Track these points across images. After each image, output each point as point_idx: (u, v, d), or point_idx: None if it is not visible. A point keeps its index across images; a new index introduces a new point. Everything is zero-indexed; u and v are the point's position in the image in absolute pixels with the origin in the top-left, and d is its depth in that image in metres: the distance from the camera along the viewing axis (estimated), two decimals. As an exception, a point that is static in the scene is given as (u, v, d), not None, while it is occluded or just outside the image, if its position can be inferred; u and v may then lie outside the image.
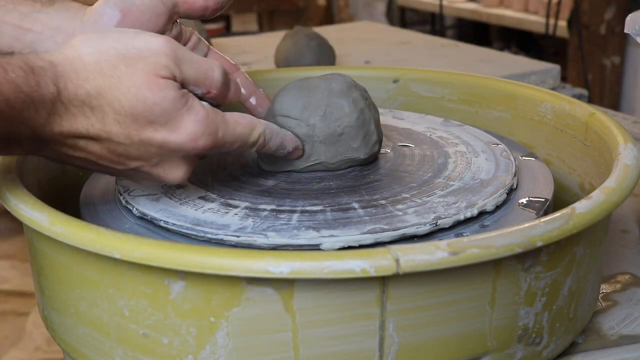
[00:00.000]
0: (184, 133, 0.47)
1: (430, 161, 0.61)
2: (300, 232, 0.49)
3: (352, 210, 0.52)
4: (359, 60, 1.37)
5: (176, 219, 0.51)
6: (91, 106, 0.46)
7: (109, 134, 0.46)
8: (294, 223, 0.50)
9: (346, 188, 0.56)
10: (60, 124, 0.45)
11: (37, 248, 0.51)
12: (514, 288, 0.45)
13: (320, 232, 0.48)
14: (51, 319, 0.52)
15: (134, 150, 0.48)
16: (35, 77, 0.44)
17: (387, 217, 0.51)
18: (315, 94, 0.58)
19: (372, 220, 0.50)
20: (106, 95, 0.46)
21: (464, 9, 2.88)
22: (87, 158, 0.48)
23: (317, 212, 0.52)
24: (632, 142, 0.56)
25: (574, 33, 2.21)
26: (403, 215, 0.51)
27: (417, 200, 0.53)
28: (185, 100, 0.47)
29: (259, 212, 0.52)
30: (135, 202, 0.54)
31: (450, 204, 0.52)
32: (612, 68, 2.24)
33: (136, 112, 0.46)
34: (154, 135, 0.47)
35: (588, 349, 0.53)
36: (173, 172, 0.50)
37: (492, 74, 0.94)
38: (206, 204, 0.54)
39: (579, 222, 0.45)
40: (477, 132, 0.68)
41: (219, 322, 0.43)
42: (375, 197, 0.54)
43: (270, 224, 0.50)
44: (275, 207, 0.53)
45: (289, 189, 0.56)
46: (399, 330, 0.43)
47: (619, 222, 0.72)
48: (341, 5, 3.65)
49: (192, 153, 0.49)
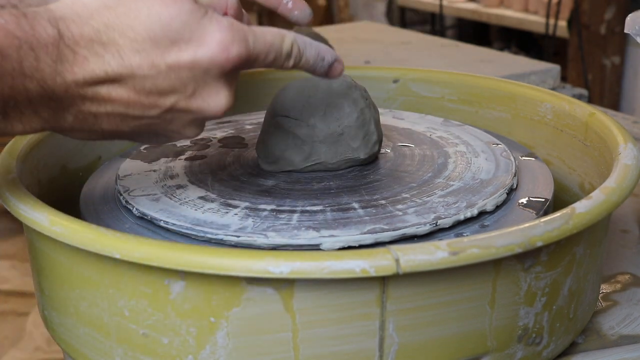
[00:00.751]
0: (213, 43, 0.42)
1: (430, 161, 0.61)
2: (300, 232, 0.49)
3: (352, 210, 0.52)
4: (359, 60, 1.36)
5: (176, 219, 0.51)
6: (102, 42, 0.41)
7: (131, 69, 0.42)
8: (294, 223, 0.50)
9: (346, 188, 0.56)
10: (71, 70, 0.41)
11: (37, 248, 0.51)
12: (514, 288, 0.45)
13: (320, 232, 0.48)
14: (51, 319, 0.52)
15: (164, 81, 0.43)
16: (29, 21, 0.39)
17: (387, 217, 0.51)
18: (315, 94, 0.58)
19: (372, 220, 0.50)
20: (116, 27, 0.41)
21: (464, 9, 2.88)
22: (115, 112, 0.43)
23: (317, 212, 0.52)
24: (632, 142, 0.56)
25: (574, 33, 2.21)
26: (403, 215, 0.51)
27: (417, 200, 0.53)
28: (204, 10, 0.43)
29: (259, 212, 0.52)
30: (135, 202, 0.54)
31: (450, 204, 0.52)
32: (612, 68, 2.24)
33: (154, 34, 0.41)
34: (181, 56, 0.42)
35: (588, 349, 0.53)
36: (214, 98, 0.44)
37: (492, 74, 0.94)
38: (206, 204, 0.54)
39: (579, 222, 0.45)
40: (477, 132, 0.68)
41: (219, 322, 0.43)
42: (375, 197, 0.54)
43: (270, 224, 0.50)
44: (275, 207, 0.53)
45: (289, 189, 0.56)
46: (399, 330, 0.43)
47: (619, 222, 0.72)
48: (341, 5, 3.65)
49: (228, 67, 0.43)
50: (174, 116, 0.45)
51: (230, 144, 0.66)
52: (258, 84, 0.81)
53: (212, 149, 0.65)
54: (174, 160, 0.62)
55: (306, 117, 0.57)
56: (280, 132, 0.58)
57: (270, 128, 0.59)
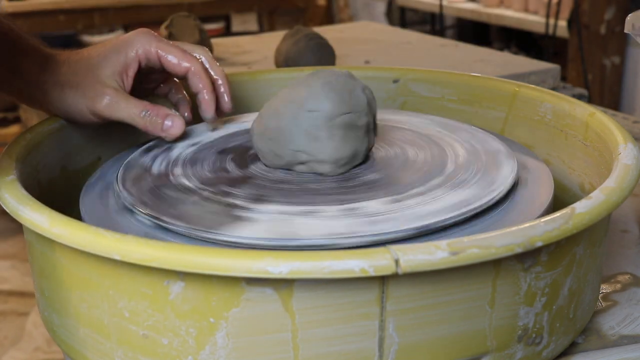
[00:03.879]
0: None
1: (429, 161, 0.61)
2: (300, 232, 0.49)
3: (351, 210, 0.52)
4: (359, 60, 1.36)
5: (176, 219, 0.51)
6: None
7: None
8: (294, 223, 0.50)
9: (345, 188, 0.56)
10: None
11: (37, 249, 0.51)
12: (514, 288, 0.45)
13: (320, 232, 0.48)
14: (51, 320, 0.52)
15: None
16: None
17: (387, 217, 0.51)
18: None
19: (372, 220, 0.50)
20: None
21: (464, 9, 2.88)
22: None
23: (317, 212, 0.52)
24: (632, 142, 0.56)
25: (574, 33, 2.21)
26: (402, 215, 0.51)
27: (417, 200, 0.53)
28: None
29: (258, 212, 0.52)
30: (135, 203, 0.54)
31: (450, 203, 0.52)
32: (612, 68, 2.24)
33: None
34: None
35: (588, 349, 0.53)
36: None
37: (492, 74, 0.94)
38: (206, 203, 0.54)
39: (579, 222, 0.45)
40: (477, 132, 0.68)
41: (219, 323, 0.43)
42: (375, 197, 0.54)
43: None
44: (274, 206, 0.53)
45: (288, 189, 0.56)
46: (399, 330, 0.43)
47: (619, 222, 0.72)
48: (341, 5, 3.65)
49: None
50: None
51: (230, 144, 0.66)
52: (258, 84, 0.81)
53: (213, 149, 0.65)
54: (174, 160, 0.62)
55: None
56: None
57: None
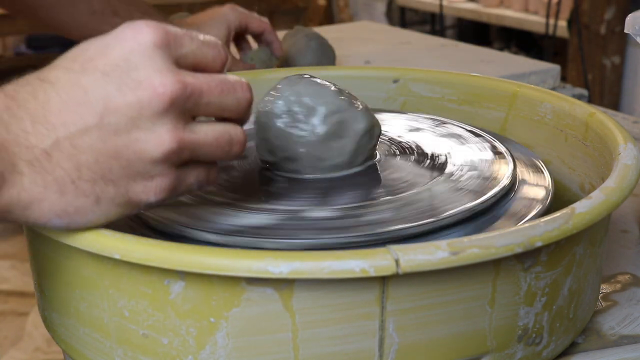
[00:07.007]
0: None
1: (429, 161, 0.61)
2: (300, 232, 0.49)
3: (351, 210, 0.52)
4: (359, 60, 1.36)
5: (176, 219, 0.51)
6: None
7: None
8: (294, 223, 0.50)
9: (345, 188, 0.56)
10: None
11: (37, 249, 0.51)
12: (514, 288, 0.45)
13: (320, 232, 0.48)
14: (51, 319, 0.52)
15: None
16: None
17: (387, 217, 0.51)
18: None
19: (372, 220, 0.50)
20: None
21: (464, 9, 2.88)
22: None
23: (317, 212, 0.52)
24: (632, 142, 0.56)
25: (574, 33, 2.21)
26: (402, 215, 0.51)
27: (416, 200, 0.53)
28: None
29: (258, 212, 0.52)
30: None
31: (450, 203, 0.52)
32: (612, 68, 2.25)
33: None
34: None
35: (588, 349, 0.53)
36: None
37: (492, 74, 0.94)
38: (206, 203, 0.54)
39: (579, 222, 0.45)
40: (476, 131, 0.68)
41: (219, 323, 0.43)
42: (374, 197, 0.54)
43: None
44: (274, 207, 0.53)
45: (288, 189, 0.56)
46: (399, 330, 0.43)
47: (619, 222, 0.72)
48: (341, 5, 3.65)
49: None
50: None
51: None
52: (258, 84, 0.81)
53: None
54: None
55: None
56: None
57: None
